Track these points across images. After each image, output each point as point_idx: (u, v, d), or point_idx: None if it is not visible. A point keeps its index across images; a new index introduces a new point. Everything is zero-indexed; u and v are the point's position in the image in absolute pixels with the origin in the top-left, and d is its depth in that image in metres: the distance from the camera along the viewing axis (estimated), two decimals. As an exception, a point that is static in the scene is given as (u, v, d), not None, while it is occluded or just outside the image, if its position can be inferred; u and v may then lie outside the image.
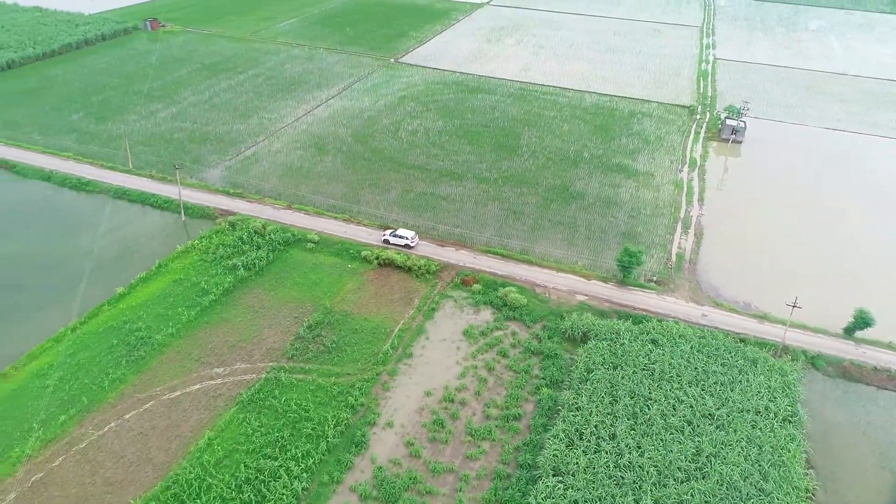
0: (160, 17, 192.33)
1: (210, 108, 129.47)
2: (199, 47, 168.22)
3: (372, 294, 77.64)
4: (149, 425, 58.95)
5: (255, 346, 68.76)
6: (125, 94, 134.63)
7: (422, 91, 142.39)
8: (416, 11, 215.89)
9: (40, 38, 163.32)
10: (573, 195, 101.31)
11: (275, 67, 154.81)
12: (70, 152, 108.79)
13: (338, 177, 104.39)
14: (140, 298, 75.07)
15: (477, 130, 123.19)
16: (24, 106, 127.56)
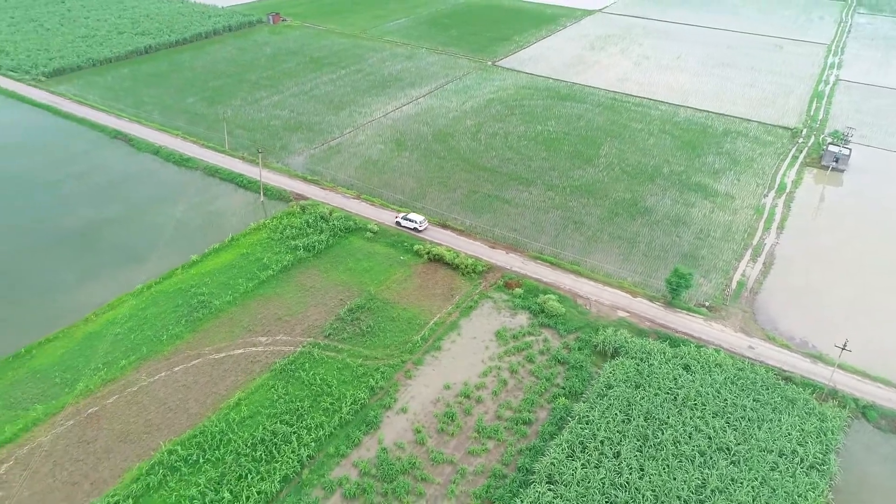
0: (282, 12, 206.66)
1: (308, 99, 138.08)
2: (310, 41, 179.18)
3: (416, 286, 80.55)
4: (192, 379, 65.29)
5: (298, 321, 73.77)
6: (237, 82, 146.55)
7: (511, 95, 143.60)
8: (525, 16, 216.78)
9: (176, 27, 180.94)
10: (641, 210, 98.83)
11: (375, 64, 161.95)
12: (180, 131, 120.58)
13: (410, 172, 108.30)
14: (209, 266, 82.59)
15: (557, 138, 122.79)
16: (153, 87, 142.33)
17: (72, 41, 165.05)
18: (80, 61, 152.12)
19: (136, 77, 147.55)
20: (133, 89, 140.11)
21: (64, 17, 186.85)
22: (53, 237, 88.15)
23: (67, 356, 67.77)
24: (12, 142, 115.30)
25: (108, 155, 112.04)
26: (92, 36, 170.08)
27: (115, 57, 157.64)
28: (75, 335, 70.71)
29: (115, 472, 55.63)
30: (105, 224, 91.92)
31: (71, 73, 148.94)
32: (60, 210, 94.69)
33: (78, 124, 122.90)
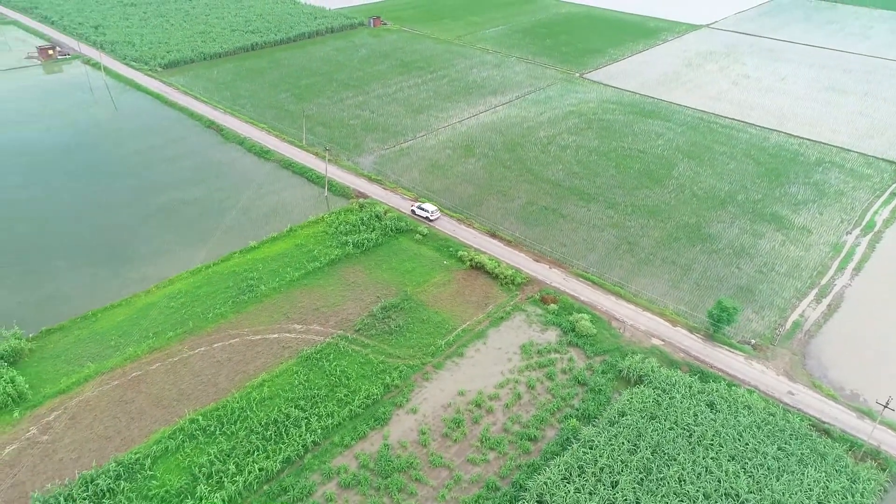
0: (384, 16, 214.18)
1: (390, 101, 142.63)
2: (405, 45, 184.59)
3: (453, 291, 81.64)
4: (227, 357, 70.02)
5: (333, 313, 77.00)
6: (327, 81, 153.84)
7: (592, 108, 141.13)
8: (625, 28, 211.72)
9: (283, 27, 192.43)
10: (703, 237, 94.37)
11: (462, 70, 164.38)
12: (266, 124, 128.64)
13: (472, 179, 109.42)
14: (264, 253, 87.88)
15: (631, 155, 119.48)
16: (250, 82, 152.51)
17: (190, 36, 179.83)
18: (193, 55, 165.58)
19: (237, 72, 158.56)
20: (233, 83, 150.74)
21: (188, 15, 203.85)
22: (140, 214, 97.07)
23: (125, 322, 74.69)
24: (122, 126, 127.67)
25: (199, 142, 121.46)
26: (208, 32, 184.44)
27: (223, 52, 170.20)
28: (136, 304, 77.78)
29: (143, 432, 60.95)
30: (184, 205, 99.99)
31: (184, 65, 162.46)
32: (150, 190, 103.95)
33: (180, 113, 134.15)
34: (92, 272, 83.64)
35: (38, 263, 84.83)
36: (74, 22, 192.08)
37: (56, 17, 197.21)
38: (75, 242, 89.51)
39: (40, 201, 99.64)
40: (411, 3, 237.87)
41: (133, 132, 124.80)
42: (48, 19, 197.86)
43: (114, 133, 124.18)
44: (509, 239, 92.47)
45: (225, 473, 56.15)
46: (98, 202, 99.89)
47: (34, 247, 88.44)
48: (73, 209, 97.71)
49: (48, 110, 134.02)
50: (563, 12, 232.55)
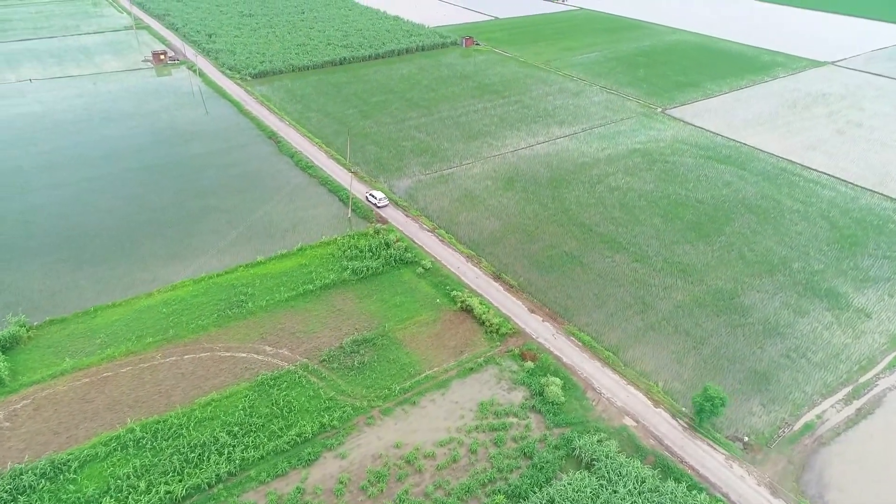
0: (480, 37, 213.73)
1: (451, 125, 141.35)
2: (488, 67, 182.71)
3: (433, 333, 78.48)
4: (191, 370, 71.83)
5: (307, 339, 76.72)
6: (397, 99, 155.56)
7: (660, 148, 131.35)
8: (734, 61, 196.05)
9: (376, 43, 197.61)
10: (734, 307, 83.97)
11: (537, 97, 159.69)
12: (321, 139, 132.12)
13: (500, 214, 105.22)
14: (267, 269, 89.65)
15: (685, 203, 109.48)
16: (325, 96, 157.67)
17: (287, 48, 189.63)
18: (283, 67, 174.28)
19: (318, 85, 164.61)
20: (308, 96, 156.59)
21: (294, 27, 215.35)
22: (172, 216, 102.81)
23: (118, 322, 78.98)
24: (196, 129, 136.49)
25: (255, 152, 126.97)
26: (306, 45, 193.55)
27: (311, 65, 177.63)
28: (135, 305, 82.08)
29: (88, 433, 63.75)
30: (216, 212, 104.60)
31: (272, 76, 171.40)
32: (192, 193, 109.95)
33: (250, 121, 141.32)
34: (110, 268, 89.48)
35: (66, 254, 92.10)
36: (194, 30, 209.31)
37: (181, 25, 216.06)
38: (104, 237, 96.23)
39: (89, 194, 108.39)
40: (511, 25, 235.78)
41: (203, 136, 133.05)
42: (174, 26, 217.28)
43: (186, 136, 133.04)
44: (513, 283, 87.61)
45: (134, 490, 57.22)
46: (140, 201, 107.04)
47: (68, 238, 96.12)
48: (115, 206, 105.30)
49: (141, 111, 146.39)
50: (672, 40, 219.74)
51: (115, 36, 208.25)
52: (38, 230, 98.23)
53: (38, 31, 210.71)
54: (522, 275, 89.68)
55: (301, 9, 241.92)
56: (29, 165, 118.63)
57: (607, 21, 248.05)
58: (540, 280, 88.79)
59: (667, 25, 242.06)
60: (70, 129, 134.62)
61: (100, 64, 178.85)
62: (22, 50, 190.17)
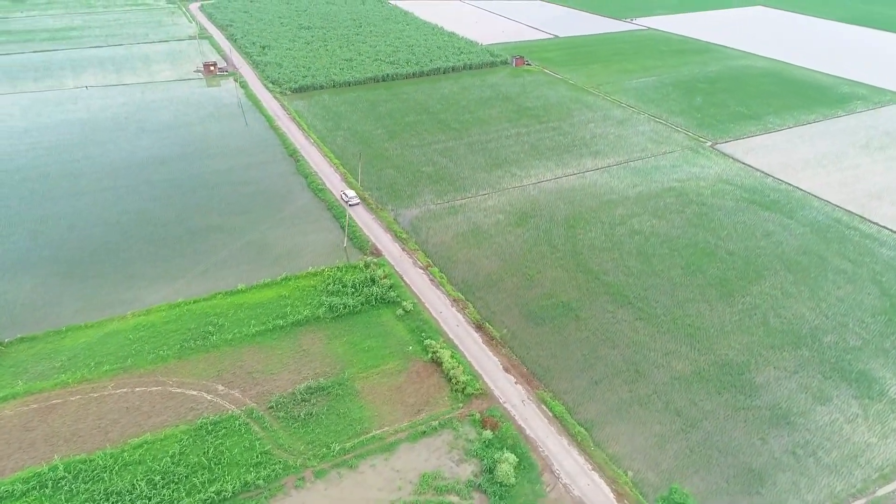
0: (535, 56, 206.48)
1: (478, 151, 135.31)
2: (533, 89, 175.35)
3: (395, 386, 72.83)
4: (137, 404, 69.43)
5: (263, 381, 72.89)
6: (430, 120, 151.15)
7: (699, 188, 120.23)
8: (808, 91, 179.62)
9: (424, 60, 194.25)
10: (741, 384, 73.56)
11: (577, 124, 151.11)
12: (340, 160, 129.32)
13: (503, 253, 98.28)
14: (245, 299, 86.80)
15: (714, 254, 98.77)
16: (358, 114, 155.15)
17: (333, 63, 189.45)
18: (324, 82, 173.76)
19: (354, 102, 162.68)
20: (342, 113, 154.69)
21: (346, 41, 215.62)
22: (170, 234, 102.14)
23: (84, 345, 77.99)
24: (224, 143, 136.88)
25: (273, 171, 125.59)
26: (353, 60, 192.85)
27: (353, 81, 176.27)
28: (106, 328, 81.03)
29: (16, 466, 62.20)
30: (217, 232, 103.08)
31: (312, 91, 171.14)
32: (198, 210, 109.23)
33: (277, 137, 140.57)
34: (96, 285, 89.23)
35: (61, 267, 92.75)
36: (250, 41, 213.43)
37: (239, 36, 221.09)
38: (101, 252, 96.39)
39: (102, 206, 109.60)
40: (570, 44, 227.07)
41: (227, 151, 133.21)
42: (233, 37, 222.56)
43: (211, 150, 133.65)
44: (496, 335, 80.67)
45: (34, 538, 54.88)
46: (147, 216, 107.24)
47: (68, 251, 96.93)
48: (122, 219, 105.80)
49: (177, 122, 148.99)
50: (740, 66, 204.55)
51: (179, 45, 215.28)
52: (43, 241, 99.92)
53: (109, 39, 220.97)
54: (509, 325, 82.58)
55: (359, 22, 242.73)
56: (57, 172, 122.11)
57: (673, 42, 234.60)
58: (526, 333, 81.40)
59: (738, 49, 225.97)
60: (105, 138, 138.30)
61: (154, 73, 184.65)
62: (90, 57, 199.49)
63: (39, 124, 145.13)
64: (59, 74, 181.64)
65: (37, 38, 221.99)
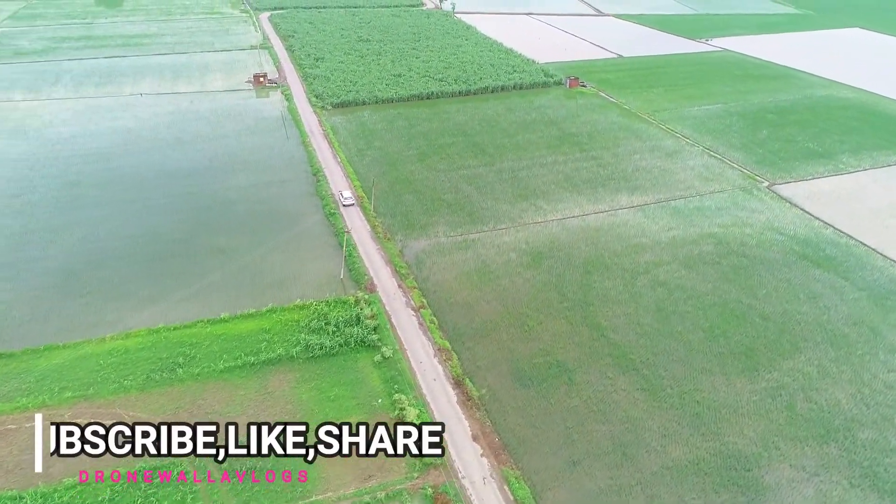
0: (591, 77, 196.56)
1: (507, 179, 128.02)
2: (583, 113, 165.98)
3: (351, 445, 67.10)
4: (85, 439, 67.07)
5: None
6: (464, 143, 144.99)
7: (743, 235, 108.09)
8: (893, 127, 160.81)
9: (474, 78, 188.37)
10: (746, 484, 63.11)
11: (621, 155, 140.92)
12: (360, 183, 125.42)
13: (505, 299, 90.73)
14: (224, 329, 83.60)
15: (745, 318, 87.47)
16: (394, 133, 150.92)
17: (381, 78, 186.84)
18: (366, 97, 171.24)
19: (392, 120, 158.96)
20: (377, 132, 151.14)
21: (400, 55, 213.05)
22: (176, 252, 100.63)
23: (55, 367, 76.79)
24: (254, 159, 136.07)
25: (293, 190, 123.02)
26: (402, 76, 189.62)
27: (396, 98, 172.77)
28: (82, 350, 79.69)
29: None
30: (218, 254, 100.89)
31: (353, 106, 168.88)
32: (206, 229, 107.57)
33: (306, 154, 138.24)
34: (86, 303, 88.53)
35: (61, 281, 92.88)
36: (305, 53, 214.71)
37: (298, 47, 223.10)
38: (103, 268, 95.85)
39: (120, 218, 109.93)
40: (634, 65, 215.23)
41: (254, 167, 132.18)
42: (291, 48, 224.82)
43: (239, 165, 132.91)
44: (474, 394, 73.49)
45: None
46: (157, 232, 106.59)
47: (74, 264, 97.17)
48: (133, 233, 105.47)
49: (215, 133, 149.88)
50: (820, 95, 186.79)
51: (239, 55, 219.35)
52: (56, 251, 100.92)
53: (176, 47, 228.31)
54: (491, 384, 75.22)
55: (419, 36, 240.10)
56: (87, 181, 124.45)
57: (749, 66, 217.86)
58: (509, 395, 73.81)
59: (822, 76, 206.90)
60: (142, 148, 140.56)
61: (207, 82, 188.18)
62: (153, 64, 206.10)
63: (86, 131, 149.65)
64: (120, 81, 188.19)
65: (112, 43, 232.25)
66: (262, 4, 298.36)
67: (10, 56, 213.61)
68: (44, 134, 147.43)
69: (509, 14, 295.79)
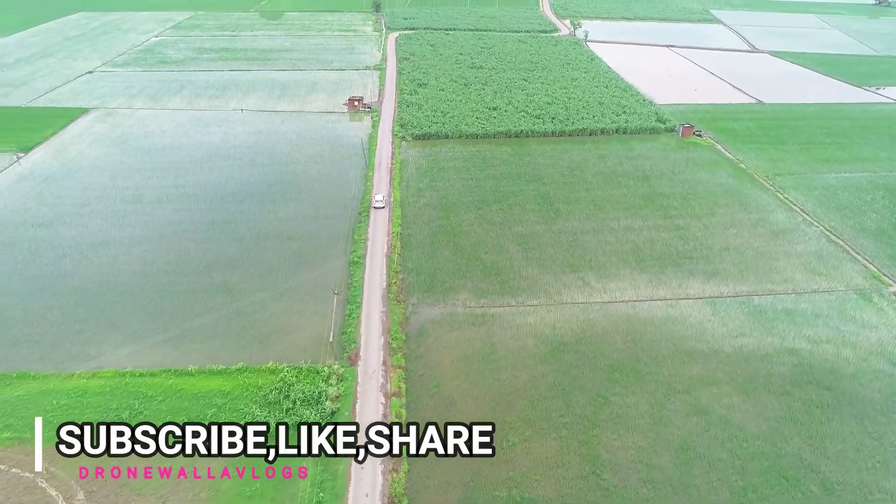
0: (715, 125, 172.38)
1: (562, 243, 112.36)
2: (687, 169, 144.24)
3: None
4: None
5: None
6: (532, 194, 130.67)
7: (838, 360, 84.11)
8: None
9: (574, 117, 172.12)
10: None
11: (713, 226, 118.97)
12: (394, 235, 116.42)
13: (497, 401, 76.49)
14: (186, 384, 78.28)
15: (801, 483, 66.20)
16: (461, 173, 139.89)
17: (474, 111, 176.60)
18: (449, 130, 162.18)
19: (468, 158, 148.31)
20: (446, 170, 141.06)
21: (507, 85, 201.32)
22: (186, 286, 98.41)
23: (15, 400, 75.84)
24: (305, 187, 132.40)
25: (330, 229, 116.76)
26: (497, 109, 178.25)
27: (481, 134, 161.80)
28: (45, 385, 78.39)
29: None
30: (220, 291, 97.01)
31: (434, 139, 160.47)
32: (230, 264, 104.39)
33: (363, 189, 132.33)
34: (75, 331, 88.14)
35: (68, 302, 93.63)
36: (412, 77, 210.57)
37: (408, 70, 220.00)
38: (108, 295, 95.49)
39: (158, 241, 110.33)
40: (772, 114, 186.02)
41: (303, 199, 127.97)
42: (402, 71, 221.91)
43: (290, 196, 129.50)
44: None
45: None
46: (180, 261, 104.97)
47: (90, 285, 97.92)
48: (158, 259, 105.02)
49: (290, 157, 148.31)
50: None
51: (352, 75, 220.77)
52: (84, 267, 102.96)
53: (297, 63, 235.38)
54: None
55: (536, 65, 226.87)
56: (150, 196, 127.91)
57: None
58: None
59: None
60: (215, 166, 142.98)
61: (308, 102, 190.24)
62: (269, 80, 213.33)
63: (175, 143, 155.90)
64: (231, 95, 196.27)
65: (243, 56, 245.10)
66: (395, 24, 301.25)
67: (154, 64, 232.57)
68: (140, 144, 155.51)
69: (647, 45, 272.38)
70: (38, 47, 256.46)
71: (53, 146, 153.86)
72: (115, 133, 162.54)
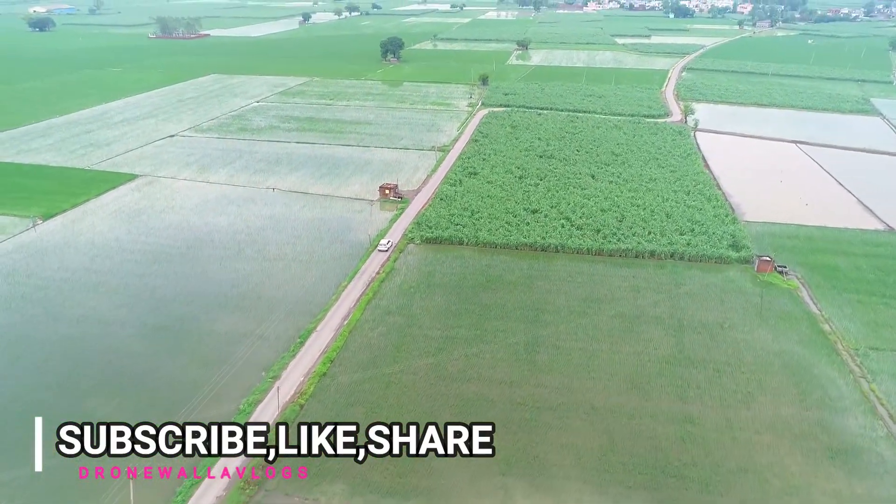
0: (814, 262, 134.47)
1: (512, 426, 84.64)
2: (745, 323, 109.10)
3: None
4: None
5: None
6: (530, 338, 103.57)
7: None
8: None
9: (625, 234, 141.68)
10: None
11: (741, 426, 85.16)
12: (346, 352, 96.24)
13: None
14: None
15: None
16: (459, 292, 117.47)
17: (507, 212, 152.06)
18: (464, 236, 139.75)
19: (476, 274, 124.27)
20: (429, 290, 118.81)
21: (564, 186, 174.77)
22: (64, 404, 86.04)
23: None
24: (264, 296, 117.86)
25: (257, 353, 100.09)
26: (536, 213, 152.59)
27: (500, 244, 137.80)
28: None
29: None
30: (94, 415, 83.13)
31: (445, 244, 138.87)
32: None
33: (326, 307, 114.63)
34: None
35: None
36: (469, 162, 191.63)
37: (471, 153, 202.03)
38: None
39: (86, 340, 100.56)
40: (868, 250, 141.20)
41: (263, 310, 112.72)
42: (464, 154, 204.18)
43: (251, 303, 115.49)
44: None
45: None
46: (64, 373, 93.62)
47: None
48: (39, 368, 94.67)
49: (279, 252, 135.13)
50: None
51: (411, 156, 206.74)
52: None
53: (364, 139, 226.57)
54: None
55: (616, 159, 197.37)
56: (108, 285, 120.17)
57: None
58: None
59: None
60: (199, 255, 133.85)
61: (345, 185, 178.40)
62: (325, 155, 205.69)
63: (185, 223, 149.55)
64: (276, 170, 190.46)
65: (321, 128, 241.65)
66: (492, 100, 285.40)
67: (233, 131, 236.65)
68: (150, 221, 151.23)
69: (769, 139, 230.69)
70: (149, 108, 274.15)
71: (74, 215, 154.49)
72: (138, 206, 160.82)
